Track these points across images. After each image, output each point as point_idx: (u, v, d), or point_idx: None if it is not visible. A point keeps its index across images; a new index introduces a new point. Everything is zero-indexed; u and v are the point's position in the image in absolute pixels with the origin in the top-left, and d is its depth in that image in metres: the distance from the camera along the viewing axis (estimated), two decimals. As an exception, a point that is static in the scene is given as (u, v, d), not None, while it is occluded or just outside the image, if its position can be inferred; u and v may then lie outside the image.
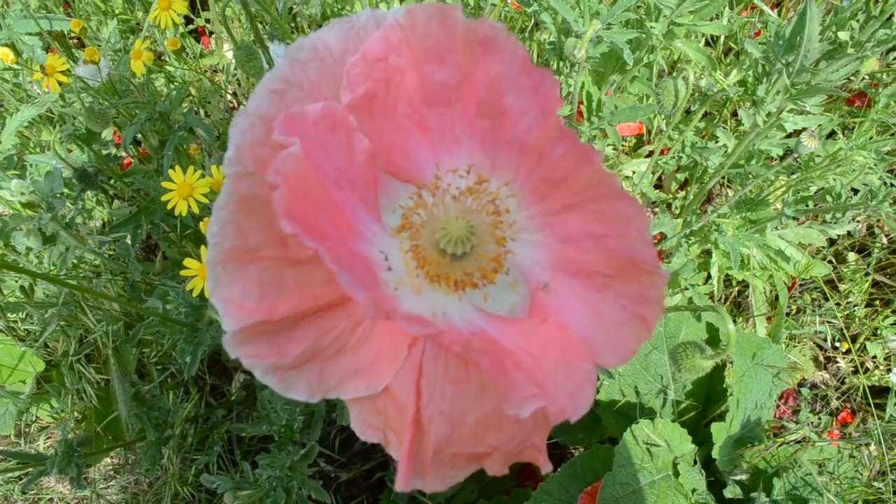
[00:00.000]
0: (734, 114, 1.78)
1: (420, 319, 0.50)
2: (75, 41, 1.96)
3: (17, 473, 1.61)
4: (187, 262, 1.10)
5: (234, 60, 1.09)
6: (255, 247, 0.47)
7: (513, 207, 0.54)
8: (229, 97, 2.04)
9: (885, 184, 1.42)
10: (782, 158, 1.34)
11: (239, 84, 1.97)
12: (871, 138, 1.45)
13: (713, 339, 1.46)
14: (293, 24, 1.82)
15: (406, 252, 0.55)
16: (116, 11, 1.88)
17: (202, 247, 1.10)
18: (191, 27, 1.98)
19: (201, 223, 1.19)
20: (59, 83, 1.27)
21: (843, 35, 1.17)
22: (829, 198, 1.32)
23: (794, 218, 1.37)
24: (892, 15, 1.14)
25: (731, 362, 1.43)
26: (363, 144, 0.51)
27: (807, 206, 1.38)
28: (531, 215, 0.53)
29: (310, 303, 0.48)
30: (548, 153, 0.47)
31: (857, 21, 1.18)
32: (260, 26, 1.63)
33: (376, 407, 0.51)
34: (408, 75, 0.51)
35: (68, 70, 1.28)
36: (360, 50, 0.49)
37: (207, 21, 1.96)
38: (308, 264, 0.48)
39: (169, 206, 1.15)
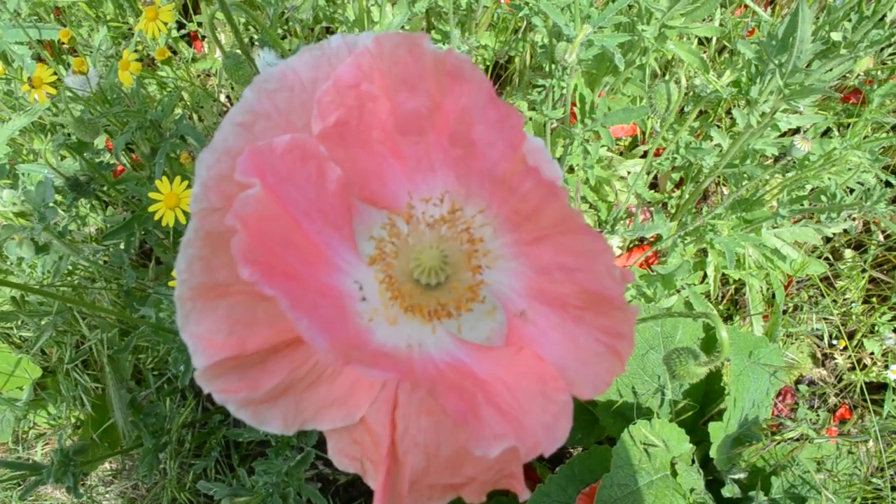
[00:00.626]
0: (728, 111, 1.77)
1: (382, 361, 0.50)
2: (68, 47, 1.96)
3: (15, 479, 1.61)
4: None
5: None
6: (225, 282, 0.46)
7: (488, 236, 0.53)
8: (223, 100, 2.03)
9: (881, 180, 1.42)
10: (777, 160, 1.34)
11: (232, 88, 1.96)
12: (865, 137, 1.45)
13: (710, 338, 1.46)
14: (285, 28, 1.82)
15: (381, 282, 0.54)
16: (108, 17, 1.87)
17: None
18: (183, 31, 1.97)
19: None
20: (49, 94, 1.26)
21: (836, 35, 1.16)
22: (823, 197, 1.32)
23: (788, 217, 1.37)
24: (884, 15, 1.14)
25: (729, 360, 1.43)
26: (335, 173, 0.50)
27: (802, 205, 1.38)
28: (507, 243, 0.53)
29: (282, 336, 0.48)
30: (517, 186, 0.46)
31: (850, 21, 1.17)
32: (253, 30, 1.63)
33: (353, 437, 0.51)
34: (380, 102, 0.50)
35: (57, 81, 1.27)
36: (331, 77, 0.48)
37: (200, 25, 1.95)
38: None
39: (156, 217, 1.15)
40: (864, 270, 1.84)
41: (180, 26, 1.96)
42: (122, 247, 1.36)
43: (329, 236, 0.51)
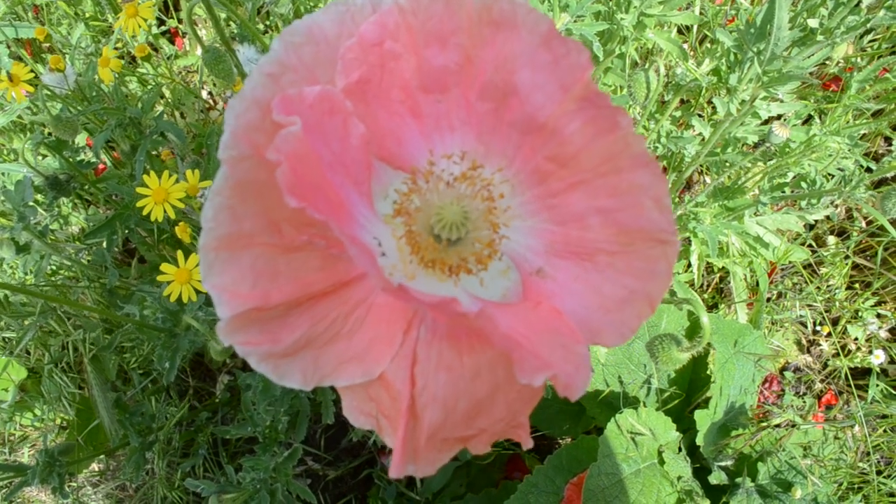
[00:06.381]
0: (710, 100, 1.78)
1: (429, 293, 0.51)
2: (48, 46, 1.94)
3: (0, 481, 1.60)
4: (164, 267, 1.09)
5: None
6: (250, 233, 0.46)
7: (506, 193, 0.54)
8: (205, 96, 2.02)
9: (861, 166, 1.42)
10: (756, 147, 1.34)
11: (214, 84, 1.95)
12: (846, 122, 1.46)
13: (695, 326, 1.46)
14: (267, 24, 1.81)
15: (399, 238, 0.55)
16: (86, 15, 1.86)
17: (178, 252, 1.09)
18: (164, 28, 1.96)
19: (177, 227, 1.18)
20: (27, 92, 1.25)
21: (813, 22, 1.17)
22: (804, 184, 1.33)
23: (770, 205, 1.38)
24: (860, 1, 1.14)
25: (714, 348, 1.44)
26: (359, 129, 0.51)
27: (783, 192, 1.38)
28: (525, 200, 0.53)
29: (303, 290, 0.48)
30: (561, 128, 0.46)
31: (826, 8, 1.18)
32: (234, 26, 1.62)
33: (369, 394, 0.51)
34: (404, 60, 0.50)
35: (34, 79, 1.26)
36: (355, 34, 0.49)
37: (180, 21, 1.94)
38: (302, 251, 0.48)
39: (144, 212, 1.14)
40: (847, 257, 1.85)
41: (161, 23, 1.95)
42: (104, 245, 1.35)
43: (349, 191, 0.52)
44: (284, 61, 0.48)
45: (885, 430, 1.63)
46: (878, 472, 1.58)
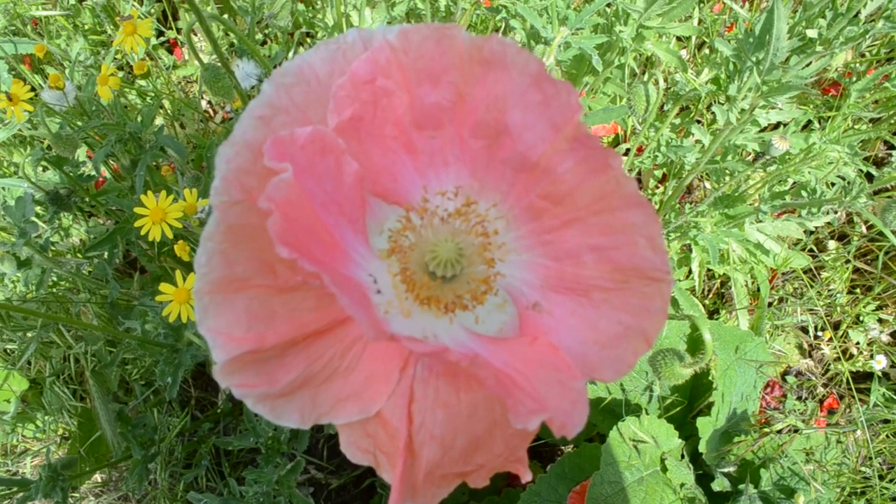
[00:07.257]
0: (709, 107, 1.78)
1: (419, 339, 0.51)
2: (47, 61, 1.94)
3: (4, 494, 1.60)
4: (163, 287, 1.08)
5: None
6: (243, 276, 0.46)
7: (501, 228, 0.54)
8: (204, 105, 2.02)
9: (861, 171, 1.42)
10: (755, 159, 1.34)
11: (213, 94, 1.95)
12: (845, 131, 1.46)
13: (697, 334, 1.46)
14: (266, 34, 1.81)
15: (395, 275, 0.55)
16: (85, 27, 1.86)
17: (177, 271, 1.09)
18: (163, 38, 1.96)
19: (176, 246, 1.18)
20: (25, 110, 1.25)
21: (812, 32, 1.17)
22: (804, 192, 1.32)
23: (770, 212, 1.38)
24: (858, 11, 1.14)
25: (716, 354, 1.44)
26: (352, 167, 0.51)
27: (783, 200, 1.38)
28: (520, 236, 0.53)
29: (299, 330, 0.48)
30: (553, 167, 0.47)
31: (825, 18, 1.18)
32: (233, 36, 1.62)
33: (366, 430, 0.51)
34: (396, 97, 0.50)
35: (34, 97, 1.26)
36: (346, 72, 0.49)
37: (179, 31, 1.94)
38: (296, 292, 0.48)
39: (143, 232, 1.14)
40: (847, 261, 1.85)
41: (159, 34, 1.95)
42: (105, 258, 1.35)
43: (344, 229, 0.52)
44: (276, 103, 0.48)
45: (887, 435, 1.63)
46: (881, 477, 1.58)
